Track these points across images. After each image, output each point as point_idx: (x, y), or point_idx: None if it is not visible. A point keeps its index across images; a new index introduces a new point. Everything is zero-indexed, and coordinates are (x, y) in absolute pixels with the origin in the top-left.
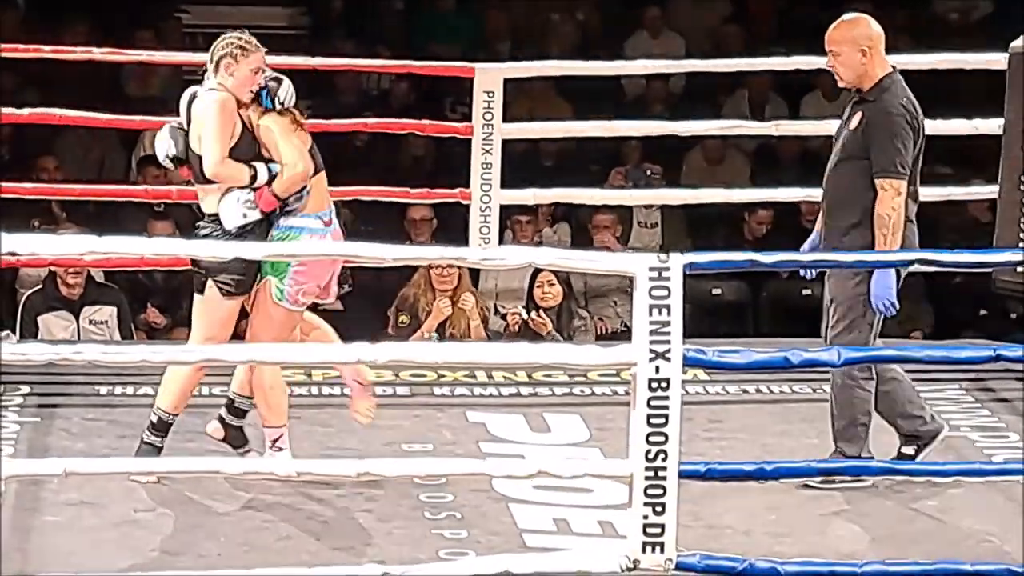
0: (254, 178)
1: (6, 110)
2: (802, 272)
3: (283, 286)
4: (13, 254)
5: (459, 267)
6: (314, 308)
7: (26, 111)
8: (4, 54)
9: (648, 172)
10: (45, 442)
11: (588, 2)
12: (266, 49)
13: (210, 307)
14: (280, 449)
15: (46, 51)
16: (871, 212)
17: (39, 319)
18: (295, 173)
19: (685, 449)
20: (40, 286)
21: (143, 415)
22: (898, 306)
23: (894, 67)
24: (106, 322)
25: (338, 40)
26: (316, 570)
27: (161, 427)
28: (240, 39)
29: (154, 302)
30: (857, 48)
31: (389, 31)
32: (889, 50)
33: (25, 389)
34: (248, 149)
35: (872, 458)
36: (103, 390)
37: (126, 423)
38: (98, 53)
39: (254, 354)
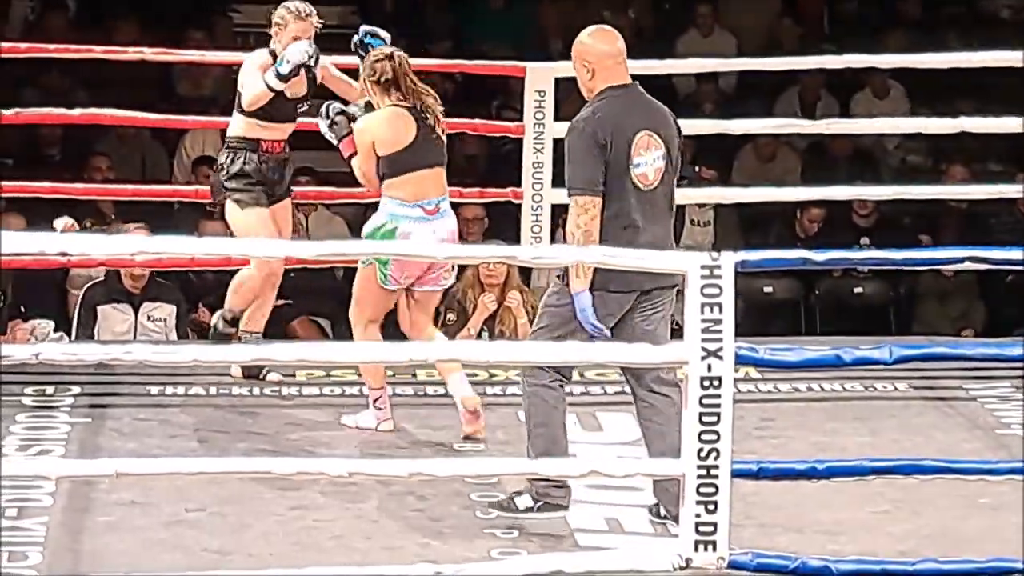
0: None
1: (57, 111)
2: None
3: (387, 271)
4: (64, 254)
5: (507, 264)
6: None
7: (77, 111)
8: (55, 55)
9: (697, 170)
10: (96, 442)
11: (640, 0)
12: (319, 48)
13: (234, 219)
14: (379, 409)
15: (97, 51)
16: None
17: (99, 309)
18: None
19: (737, 447)
20: (102, 278)
21: (194, 415)
22: (605, 328)
23: (625, 84)
24: (164, 320)
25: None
26: (367, 569)
27: (233, 322)
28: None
29: (205, 302)
30: (581, 64)
31: (439, 30)
32: (938, 46)
33: (76, 389)
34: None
35: (568, 489)
36: (154, 390)
37: (177, 423)
38: (149, 53)
39: (305, 353)
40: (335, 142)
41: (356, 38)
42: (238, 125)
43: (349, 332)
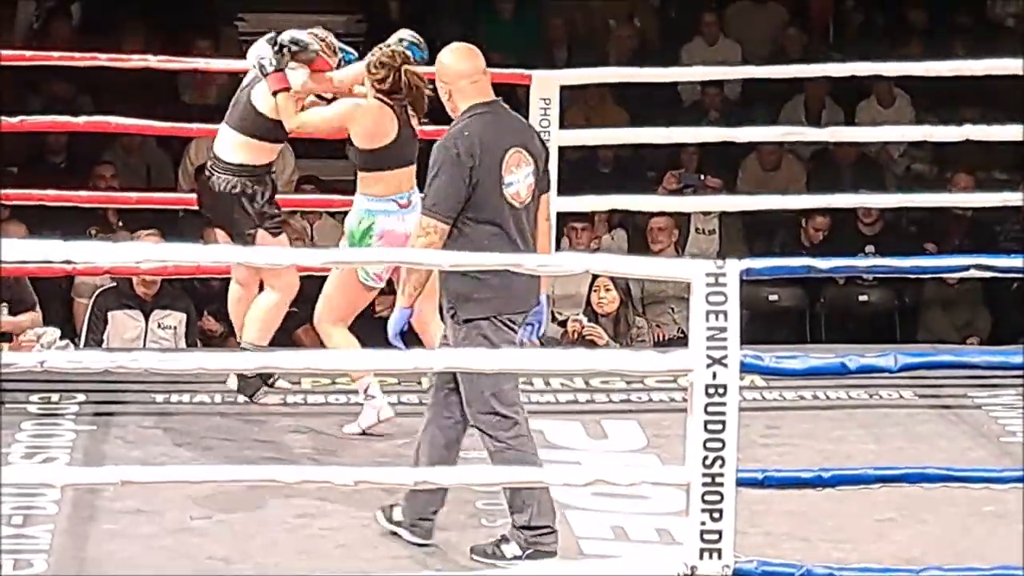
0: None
1: (62, 118)
2: None
3: (369, 268)
4: (69, 262)
5: None
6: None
7: (82, 119)
8: (59, 62)
9: (702, 178)
10: (101, 450)
11: (646, 8)
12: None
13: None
14: (372, 396)
15: (102, 59)
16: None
17: (109, 314)
18: (294, 120)
19: (742, 455)
20: (113, 283)
21: (199, 423)
22: (400, 344)
23: (489, 101)
24: (174, 328)
25: None
26: None
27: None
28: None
29: (210, 309)
30: (439, 83)
31: (446, 38)
32: (945, 54)
33: (81, 397)
34: None
35: (555, 532)
36: (159, 398)
37: (182, 431)
38: (154, 61)
39: (311, 361)
40: (268, 69)
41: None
42: (255, 153)
43: (356, 337)
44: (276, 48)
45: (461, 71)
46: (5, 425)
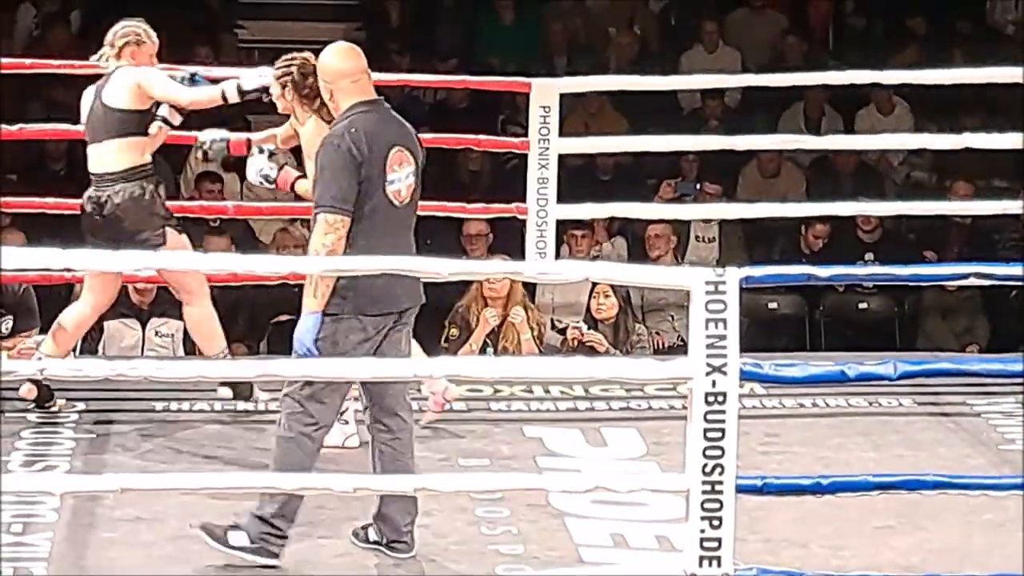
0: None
1: (62, 126)
2: None
3: None
4: (69, 269)
5: (510, 279)
6: None
7: (82, 126)
8: (59, 70)
9: (699, 187)
10: (101, 458)
11: (646, 16)
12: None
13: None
14: (345, 423)
15: (101, 66)
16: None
17: (106, 324)
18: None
19: (742, 463)
20: None
21: (199, 431)
22: (315, 352)
23: (372, 99)
24: (172, 336)
25: (394, 54)
26: None
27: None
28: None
29: None
30: (321, 82)
31: (446, 45)
32: (945, 62)
33: (81, 405)
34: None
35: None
36: (159, 406)
37: (182, 439)
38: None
39: (309, 370)
40: (272, 176)
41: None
42: (129, 152)
43: None
44: (268, 155)
45: (343, 70)
46: (5, 433)
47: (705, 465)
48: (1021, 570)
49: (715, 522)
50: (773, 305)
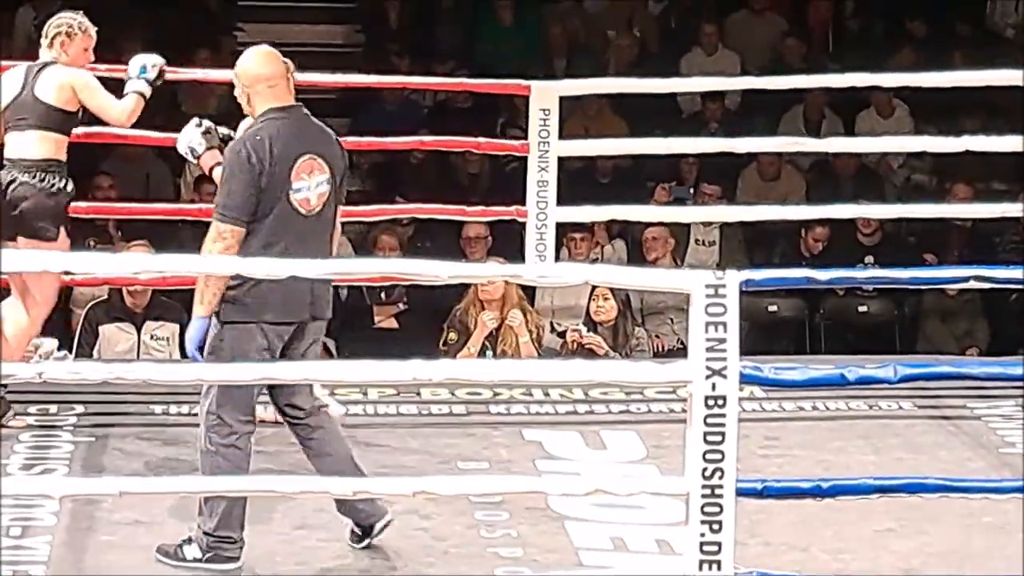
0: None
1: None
2: None
3: None
4: (68, 273)
5: (506, 282)
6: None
7: (80, 129)
8: None
9: (692, 190)
10: (99, 461)
11: (645, 18)
12: (321, 66)
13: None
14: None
15: (101, 69)
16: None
17: (100, 328)
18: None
19: (742, 466)
20: (105, 296)
21: (197, 434)
22: (199, 357)
23: (287, 106)
24: (168, 339)
25: (393, 56)
26: None
27: None
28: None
29: None
30: (239, 86)
31: (445, 48)
32: (945, 65)
33: (79, 408)
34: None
35: (240, 543)
36: (157, 409)
37: (181, 442)
38: None
39: (309, 372)
40: (197, 152)
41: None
42: (51, 144)
43: (353, 350)
44: (204, 131)
45: (260, 75)
46: (4, 436)
47: (705, 468)
48: (1021, 573)
49: (715, 526)
50: (773, 308)
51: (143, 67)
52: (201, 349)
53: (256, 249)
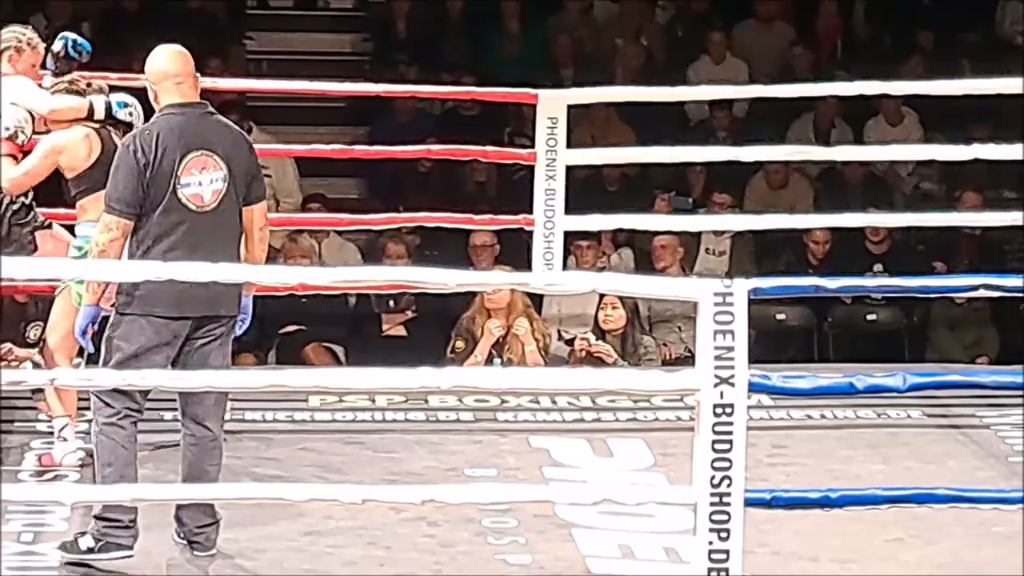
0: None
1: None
2: None
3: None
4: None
5: (512, 290)
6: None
7: None
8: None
9: (690, 200)
10: None
11: (652, 27)
12: (329, 74)
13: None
14: (64, 439)
15: (113, 78)
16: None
17: None
18: (19, 175)
19: (750, 474)
20: None
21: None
22: (90, 347)
23: (186, 103)
24: None
25: (401, 65)
26: None
27: None
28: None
29: None
30: (148, 82)
31: (452, 56)
32: (953, 73)
33: (90, 415)
34: None
35: (131, 527)
36: (168, 415)
37: None
38: None
39: (318, 379)
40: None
41: (59, 47)
42: None
43: (362, 358)
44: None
45: (166, 71)
46: (15, 443)
47: (713, 477)
48: None
49: (723, 534)
50: (781, 316)
51: (121, 103)
52: (91, 334)
53: (147, 242)
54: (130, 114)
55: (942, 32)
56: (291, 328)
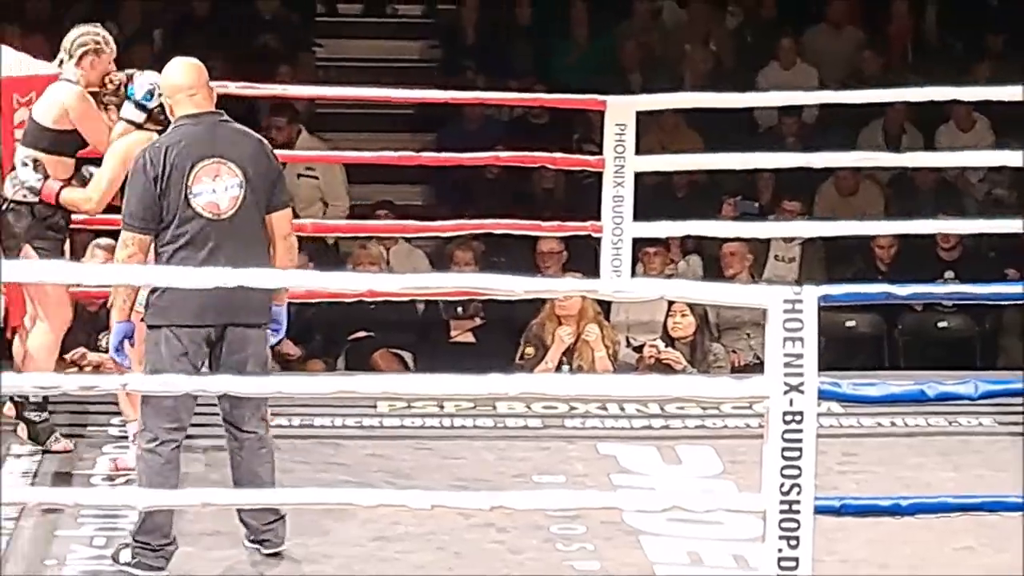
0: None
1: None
2: None
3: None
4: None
5: (582, 297)
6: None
7: None
8: None
9: (756, 205)
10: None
11: (721, 33)
12: (397, 81)
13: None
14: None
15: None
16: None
17: None
18: (87, 200)
19: (819, 482)
20: None
21: (276, 445)
22: (126, 363)
23: (200, 113)
24: None
25: (470, 71)
26: None
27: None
28: (99, 35)
29: (288, 333)
30: (165, 95)
31: (520, 63)
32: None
33: None
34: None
35: (161, 552)
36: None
37: None
38: (233, 87)
39: (387, 385)
40: (36, 188)
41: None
42: (49, 166)
43: (430, 364)
44: (32, 166)
45: (180, 84)
46: (88, 448)
47: (782, 484)
48: None
49: (792, 541)
50: (851, 324)
51: (147, 95)
52: (119, 350)
53: (166, 254)
54: (160, 95)
55: (1013, 36)
56: (360, 335)
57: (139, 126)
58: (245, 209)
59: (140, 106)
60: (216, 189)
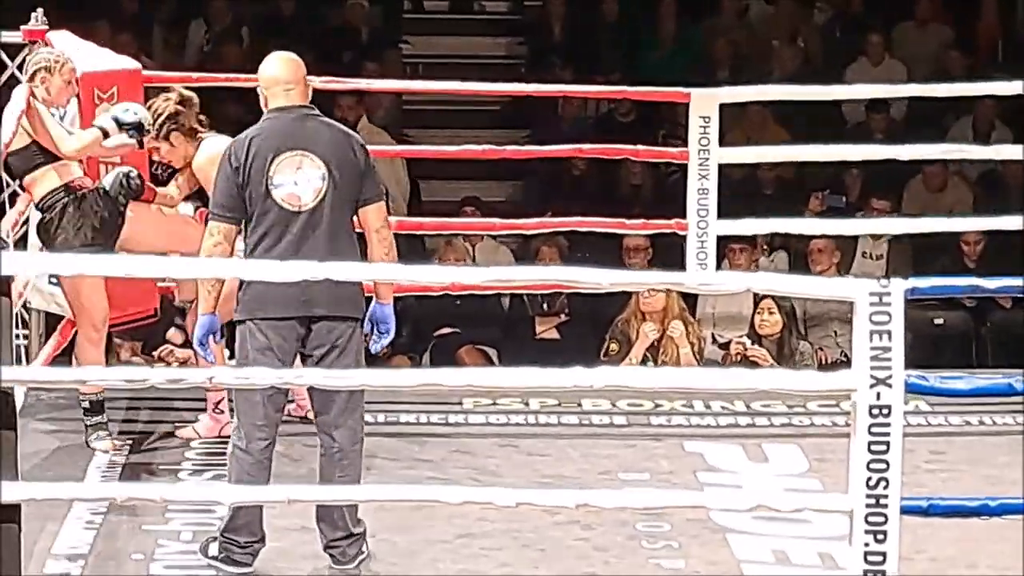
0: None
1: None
2: None
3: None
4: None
5: (667, 291)
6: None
7: None
8: (228, 83)
9: (844, 199)
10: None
11: (810, 29)
12: (484, 78)
13: None
14: (221, 411)
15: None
16: None
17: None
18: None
19: (907, 480)
20: None
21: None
22: (206, 353)
23: (287, 107)
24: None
25: (556, 68)
26: None
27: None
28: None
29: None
30: (261, 88)
31: (608, 59)
32: None
33: None
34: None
35: (247, 548)
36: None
37: None
38: (318, 82)
39: (472, 380)
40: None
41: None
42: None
43: (515, 360)
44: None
45: (276, 77)
46: (174, 444)
47: (869, 479)
48: None
49: (879, 536)
50: (939, 321)
51: (127, 110)
52: (204, 344)
53: (251, 245)
54: (135, 113)
55: None
56: (445, 330)
57: (106, 135)
58: (329, 202)
59: (115, 119)
60: (298, 181)
